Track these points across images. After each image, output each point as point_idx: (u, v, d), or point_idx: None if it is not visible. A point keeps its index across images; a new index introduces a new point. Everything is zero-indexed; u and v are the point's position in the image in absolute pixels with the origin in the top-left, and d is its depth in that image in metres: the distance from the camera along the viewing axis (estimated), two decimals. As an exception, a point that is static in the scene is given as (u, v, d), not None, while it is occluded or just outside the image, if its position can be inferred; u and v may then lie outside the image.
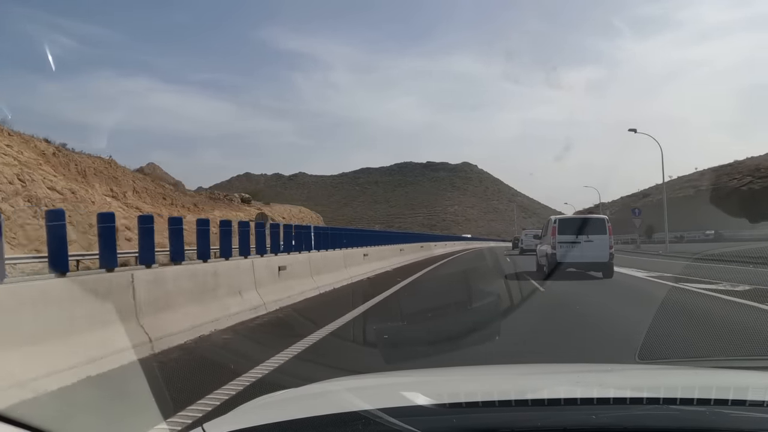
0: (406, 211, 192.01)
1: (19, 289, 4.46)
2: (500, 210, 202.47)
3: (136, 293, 5.59)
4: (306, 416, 1.43)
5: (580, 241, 14.60)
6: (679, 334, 6.20)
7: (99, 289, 5.17)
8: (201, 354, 5.58)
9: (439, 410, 1.45)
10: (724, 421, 1.34)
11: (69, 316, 4.68)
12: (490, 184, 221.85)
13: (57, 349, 4.37)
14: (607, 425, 1.30)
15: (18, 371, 3.92)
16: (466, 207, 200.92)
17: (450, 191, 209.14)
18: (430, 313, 8.32)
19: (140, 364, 4.90)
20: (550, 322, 7.60)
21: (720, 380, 1.99)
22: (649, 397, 1.52)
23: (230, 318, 7.09)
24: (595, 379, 2.09)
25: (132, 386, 4.36)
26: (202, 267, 7.26)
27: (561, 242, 14.64)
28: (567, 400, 1.52)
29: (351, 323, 7.44)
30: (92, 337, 4.77)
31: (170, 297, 6.20)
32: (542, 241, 17.36)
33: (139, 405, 3.72)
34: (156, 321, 5.73)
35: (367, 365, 4.85)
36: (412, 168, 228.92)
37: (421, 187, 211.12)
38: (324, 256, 12.73)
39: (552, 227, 15.32)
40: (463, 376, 2.31)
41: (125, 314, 5.33)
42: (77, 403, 4.04)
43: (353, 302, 9.49)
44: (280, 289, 9.17)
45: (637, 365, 3.85)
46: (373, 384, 2.12)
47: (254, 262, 8.57)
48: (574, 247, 14.54)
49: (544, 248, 16.36)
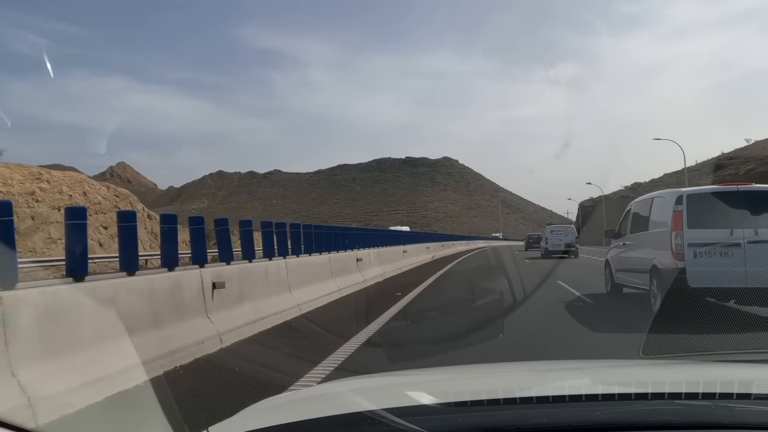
0: (384, 208, 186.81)
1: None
2: (483, 206, 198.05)
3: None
4: (311, 418, 1.44)
5: (741, 240, 7.43)
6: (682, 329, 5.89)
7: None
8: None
9: (444, 409, 1.47)
10: (729, 415, 1.36)
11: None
12: (471, 179, 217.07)
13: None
14: (612, 421, 1.32)
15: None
16: (447, 203, 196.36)
17: (430, 187, 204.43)
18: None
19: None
20: None
21: (724, 374, 1.98)
22: (653, 393, 1.51)
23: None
24: (600, 376, 2.08)
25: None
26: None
27: (696, 243, 7.54)
28: (572, 397, 1.51)
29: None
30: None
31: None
32: (630, 241, 9.83)
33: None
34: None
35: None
36: (391, 164, 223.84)
37: (401, 183, 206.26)
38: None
39: (669, 211, 7.96)
40: (468, 375, 2.33)
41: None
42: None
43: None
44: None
45: (641, 360, 3.77)
46: (378, 384, 2.14)
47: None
48: (728, 255, 7.47)
49: (637, 255, 9.28)
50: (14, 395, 3.48)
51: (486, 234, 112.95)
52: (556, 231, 29.99)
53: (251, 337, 6.66)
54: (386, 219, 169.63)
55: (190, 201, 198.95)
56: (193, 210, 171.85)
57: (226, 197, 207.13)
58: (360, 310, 9.38)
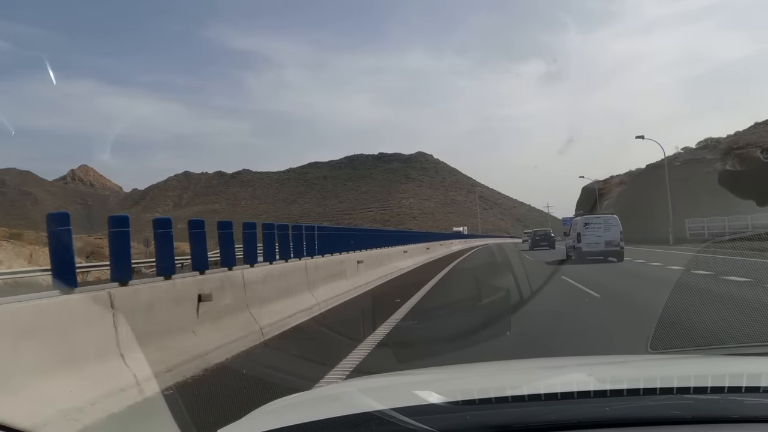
0: (357, 207, 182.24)
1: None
2: (459, 201, 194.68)
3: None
4: (320, 418, 1.44)
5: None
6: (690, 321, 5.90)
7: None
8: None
9: (452, 408, 1.47)
10: (739, 408, 1.37)
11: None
12: (447, 175, 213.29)
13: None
14: (621, 417, 1.33)
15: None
16: (422, 199, 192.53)
17: (404, 183, 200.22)
18: None
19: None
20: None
21: (733, 368, 2.01)
22: (662, 387, 1.51)
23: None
24: (608, 371, 2.09)
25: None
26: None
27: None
28: (580, 393, 1.52)
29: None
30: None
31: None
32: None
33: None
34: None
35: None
36: (364, 160, 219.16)
37: (374, 180, 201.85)
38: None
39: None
40: (476, 373, 2.35)
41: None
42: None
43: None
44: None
45: (649, 355, 3.63)
46: (386, 384, 2.18)
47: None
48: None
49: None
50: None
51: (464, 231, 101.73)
52: (593, 224, 21.18)
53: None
54: (359, 218, 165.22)
55: (154, 204, 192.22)
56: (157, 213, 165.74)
57: (193, 198, 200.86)
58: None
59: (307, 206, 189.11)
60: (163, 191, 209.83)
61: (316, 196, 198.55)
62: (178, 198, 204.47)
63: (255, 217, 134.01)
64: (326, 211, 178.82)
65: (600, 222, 21.32)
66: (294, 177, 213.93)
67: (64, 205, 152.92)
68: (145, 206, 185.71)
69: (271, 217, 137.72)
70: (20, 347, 3.76)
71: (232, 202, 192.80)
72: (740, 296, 8.02)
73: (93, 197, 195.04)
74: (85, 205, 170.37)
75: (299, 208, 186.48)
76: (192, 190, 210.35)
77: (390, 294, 12.61)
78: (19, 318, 3.88)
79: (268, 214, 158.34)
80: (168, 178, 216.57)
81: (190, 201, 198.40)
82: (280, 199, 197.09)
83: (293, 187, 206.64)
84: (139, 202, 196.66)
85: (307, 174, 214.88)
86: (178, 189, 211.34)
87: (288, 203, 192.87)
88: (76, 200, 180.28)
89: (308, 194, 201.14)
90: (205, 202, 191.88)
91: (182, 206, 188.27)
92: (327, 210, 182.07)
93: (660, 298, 6.90)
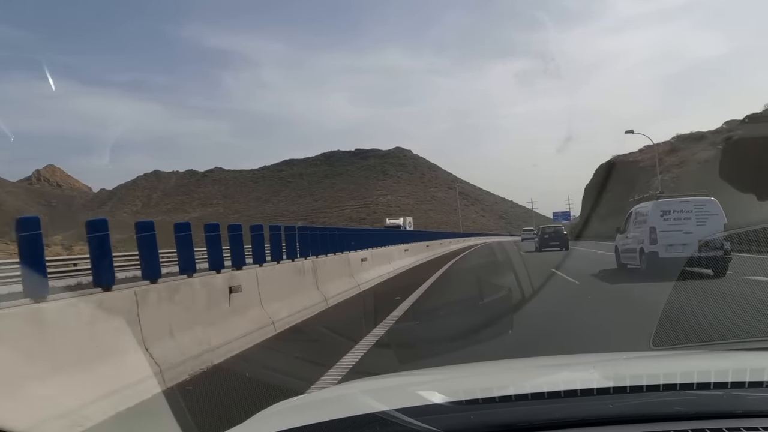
0: (332, 204, 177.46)
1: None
2: (439, 198, 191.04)
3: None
4: (323, 420, 1.46)
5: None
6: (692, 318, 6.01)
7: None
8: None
9: (455, 407, 1.47)
10: (742, 403, 1.38)
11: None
12: (426, 171, 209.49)
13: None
14: (624, 414, 1.34)
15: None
16: (401, 196, 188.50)
17: (382, 179, 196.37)
18: None
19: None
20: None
21: (736, 363, 2.01)
22: (665, 384, 1.51)
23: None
24: (611, 369, 2.10)
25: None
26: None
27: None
28: (583, 391, 1.53)
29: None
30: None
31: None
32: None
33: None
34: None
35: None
36: (340, 157, 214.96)
37: (350, 177, 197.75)
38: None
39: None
40: (478, 372, 2.35)
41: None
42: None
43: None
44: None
45: (651, 352, 3.71)
46: (389, 385, 2.18)
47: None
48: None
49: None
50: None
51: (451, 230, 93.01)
52: (678, 213, 14.04)
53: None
54: (334, 216, 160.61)
55: (122, 204, 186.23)
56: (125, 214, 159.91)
57: (162, 198, 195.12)
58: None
59: (281, 205, 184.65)
60: (132, 191, 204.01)
61: (290, 195, 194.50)
62: (147, 198, 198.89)
63: (227, 217, 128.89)
64: (300, 210, 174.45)
65: (689, 209, 13.86)
66: (269, 175, 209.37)
67: (26, 206, 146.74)
68: (113, 206, 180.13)
69: (244, 217, 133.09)
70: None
71: (203, 202, 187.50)
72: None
73: (59, 198, 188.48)
74: (49, 206, 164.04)
75: (273, 207, 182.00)
76: (161, 189, 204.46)
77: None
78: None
79: (240, 214, 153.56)
80: (137, 178, 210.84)
81: (160, 200, 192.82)
82: (254, 198, 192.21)
83: (267, 185, 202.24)
84: (107, 202, 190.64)
85: (282, 171, 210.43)
86: (147, 189, 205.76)
87: (262, 202, 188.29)
88: (40, 201, 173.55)
89: (283, 192, 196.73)
90: (174, 202, 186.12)
91: (151, 206, 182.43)
92: (301, 209, 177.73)
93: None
